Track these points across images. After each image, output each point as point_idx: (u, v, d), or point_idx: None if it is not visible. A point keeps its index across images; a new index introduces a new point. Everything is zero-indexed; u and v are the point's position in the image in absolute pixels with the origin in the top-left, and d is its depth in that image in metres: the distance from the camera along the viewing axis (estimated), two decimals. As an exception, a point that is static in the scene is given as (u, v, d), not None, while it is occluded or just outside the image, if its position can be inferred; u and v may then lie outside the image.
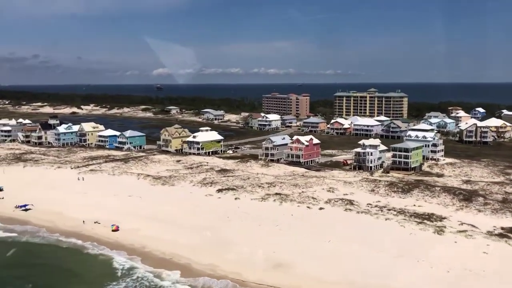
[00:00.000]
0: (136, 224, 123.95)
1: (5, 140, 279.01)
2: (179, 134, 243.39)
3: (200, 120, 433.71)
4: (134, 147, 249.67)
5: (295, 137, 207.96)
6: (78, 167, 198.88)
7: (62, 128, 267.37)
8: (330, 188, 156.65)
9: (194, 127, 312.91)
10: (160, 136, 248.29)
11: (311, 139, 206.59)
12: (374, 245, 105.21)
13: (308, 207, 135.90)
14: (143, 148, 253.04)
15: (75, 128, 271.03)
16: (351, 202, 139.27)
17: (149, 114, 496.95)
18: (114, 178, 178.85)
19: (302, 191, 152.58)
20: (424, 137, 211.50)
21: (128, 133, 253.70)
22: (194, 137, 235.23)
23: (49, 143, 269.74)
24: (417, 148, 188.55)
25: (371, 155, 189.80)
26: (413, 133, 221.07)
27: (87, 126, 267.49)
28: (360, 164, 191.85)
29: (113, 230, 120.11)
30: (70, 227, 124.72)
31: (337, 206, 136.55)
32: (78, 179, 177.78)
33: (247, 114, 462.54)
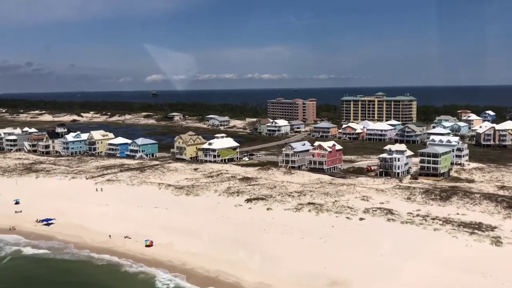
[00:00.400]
0: (168, 238, 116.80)
1: (11, 149, 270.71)
2: (194, 141, 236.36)
3: (205, 126, 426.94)
4: (146, 155, 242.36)
5: (317, 143, 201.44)
6: (93, 177, 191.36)
7: (70, 137, 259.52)
8: (364, 196, 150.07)
9: (201, 134, 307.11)
10: (174, 144, 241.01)
11: (334, 145, 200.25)
12: (432, 259, 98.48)
13: (348, 217, 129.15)
14: (155, 156, 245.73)
15: (84, 136, 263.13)
16: (390, 212, 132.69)
17: (151, 121, 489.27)
18: (134, 189, 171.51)
19: (336, 200, 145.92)
20: (449, 141, 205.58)
21: (140, 140, 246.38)
22: (209, 144, 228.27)
23: (56, 152, 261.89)
24: (445, 153, 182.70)
25: (398, 160, 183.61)
26: (436, 138, 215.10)
27: (97, 134, 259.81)
28: (386, 171, 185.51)
29: (146, 246, 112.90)
30: (99, 243, 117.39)
31: (377, 216, 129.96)
32: (96, 189, 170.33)
33: (252, 119, 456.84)
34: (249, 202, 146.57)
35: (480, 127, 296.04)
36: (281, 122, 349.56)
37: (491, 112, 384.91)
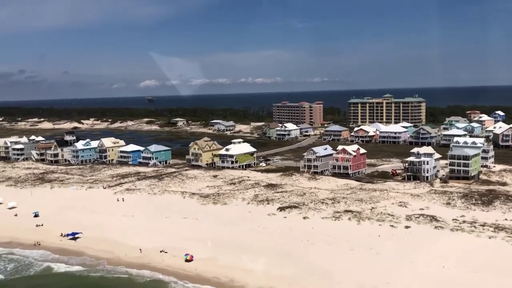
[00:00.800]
0: (209, 252, 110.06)
1: (18, 158, 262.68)
2: (210, 147, 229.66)
3: (210, 131, 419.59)
4: (160, 162, 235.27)
5: (340, 147, 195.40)
6: (110, 186, 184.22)
7: (80, 145, 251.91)
8: (401, 202, 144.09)
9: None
10: (189, 150, 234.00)
11: (358, 148, 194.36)
12: (502, 272, 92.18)
13: (392, 225, 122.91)
14: (169, 163, 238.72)
15: (94, 144, 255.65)
16: (434, 218, 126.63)
17: (155, 127, 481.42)
18: (156, 198, 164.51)
19: (373, 207, 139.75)
20: (474, 143, 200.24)
21: (153, 147, 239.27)
22: (227, 150, 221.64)
23: (66, 160, 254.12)
24: (475, 155, 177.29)
25: (427, 164, 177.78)
26: (461, 140, 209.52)
27: (107, 142, 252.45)
28: (415, 174, 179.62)
29: (187, 260, 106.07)
30: (134, 258, 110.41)
31: (422, 223, 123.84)
32: (118, 199, 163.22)
33: (257, 124, 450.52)
34: (282, 211, 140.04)
35: (494, 127, 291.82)
36: (290, 126, 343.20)
37: (500, 113, 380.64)
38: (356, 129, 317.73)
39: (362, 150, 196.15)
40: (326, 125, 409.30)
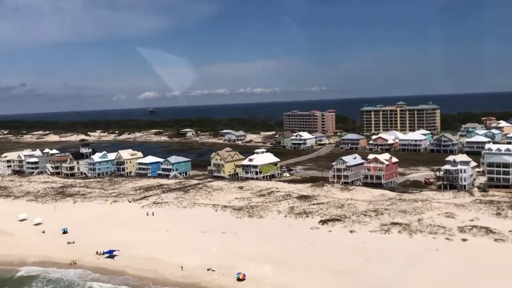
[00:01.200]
0: (260, 270, 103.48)
1: (32, 172, 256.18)
2: (232, 158, 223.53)
3: (221, 141, 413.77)
4: (180, 173, 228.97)
5: (371, 156, 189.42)
6: (135, 199, 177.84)
7: (97, 157, 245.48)
8: (447, 213, 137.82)
9: (219, 150, 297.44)
10: (211, 161, 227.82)
11: (390, 157, 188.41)
12: None
13: (447, 238, 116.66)
14: (189, 174, 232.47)
15: (111, 156, 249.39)
16: (490, 230, 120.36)
17: (164, 138, 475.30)
18: (187, 211, 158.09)
19: (419, 219, 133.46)
20: (508, 150, 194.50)
21: (173, 159, 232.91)
22: (250, 160, 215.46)
23: (82, 173, 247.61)
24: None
25: (464, 172, 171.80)
26: (493, 147, 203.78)
27: (125, 154, 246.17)
28: (451, 183, 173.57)
29: (239, 279, 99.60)
30: (181, 277, 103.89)
31: (478, 235, 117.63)
32: (147, 214, 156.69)
33: (267, 133, 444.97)
34: (325, 224, 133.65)
35: None
36: (306, 135, 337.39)
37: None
38: (374, 137, 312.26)
39: (394, 159, 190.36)
40: (339, 133, 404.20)
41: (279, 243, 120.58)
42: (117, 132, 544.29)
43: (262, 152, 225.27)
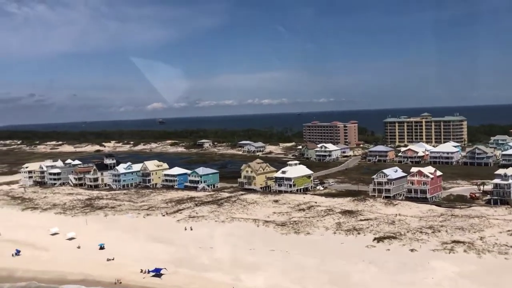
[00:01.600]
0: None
1: (55, 183, 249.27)
2: (263, 170, 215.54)
3: (240, 153, 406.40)
4: (208, 185, 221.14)
5: (415, 169, 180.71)
6: (168, 213, 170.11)
7: (121, 168, 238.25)
8: (510, 230, 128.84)
9: (239, 161, 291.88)
10: (241, 173, 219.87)
11: (435, 170, 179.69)
12: None
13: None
14: (217, 186, 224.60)
15: (136, 167, 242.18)
16: None
17: (181, 149, 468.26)
18: (226, 227, 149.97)
19: (481, 237, 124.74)
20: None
21: (201, 170, 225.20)
22: (283, 172, 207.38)
23: (106, 185, 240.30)
24: None
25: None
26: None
27: (151, 165, 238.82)
28: (502, 198, 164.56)
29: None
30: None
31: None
32: (185, 228, 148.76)
33: (287, 144, 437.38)
34: (381, 242, 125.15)
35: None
36: (331, 146, 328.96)
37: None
38: (403, 149, 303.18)
39: (439, 172, 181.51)
40: (361, 145, 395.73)
41: (341, 264, 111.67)
42: (132, 142, 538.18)
43: (296, 164, 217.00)
